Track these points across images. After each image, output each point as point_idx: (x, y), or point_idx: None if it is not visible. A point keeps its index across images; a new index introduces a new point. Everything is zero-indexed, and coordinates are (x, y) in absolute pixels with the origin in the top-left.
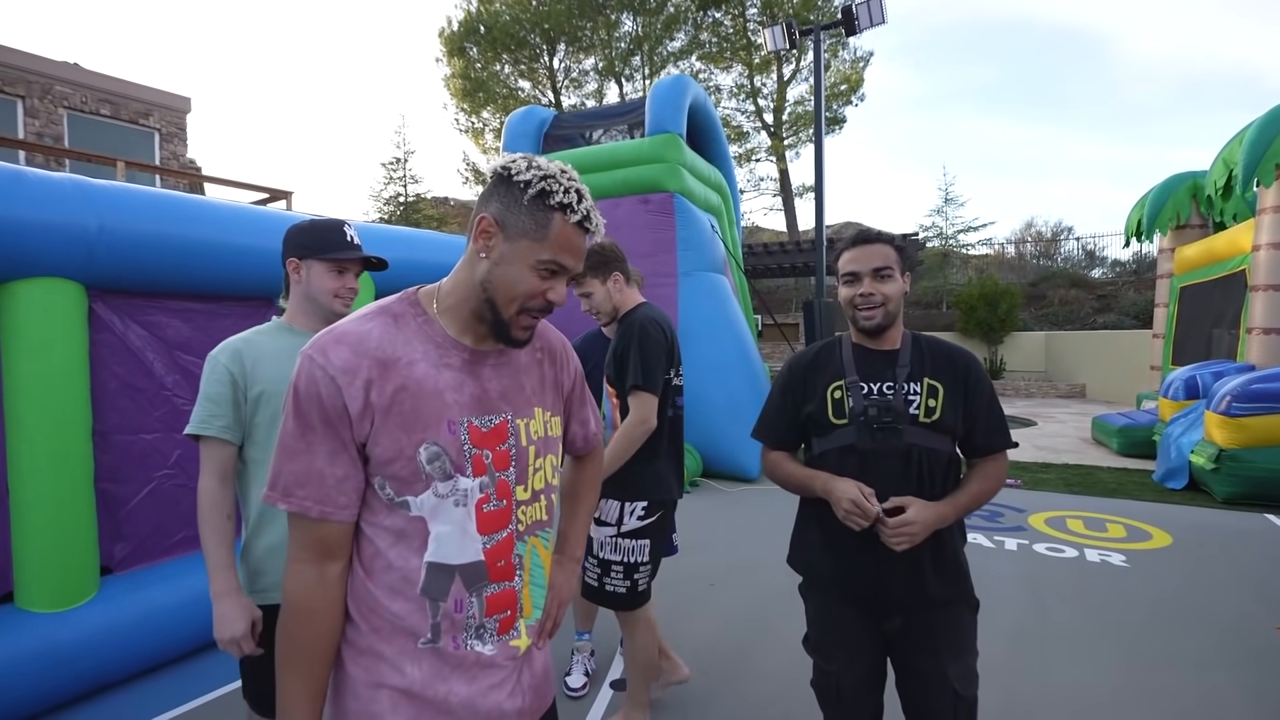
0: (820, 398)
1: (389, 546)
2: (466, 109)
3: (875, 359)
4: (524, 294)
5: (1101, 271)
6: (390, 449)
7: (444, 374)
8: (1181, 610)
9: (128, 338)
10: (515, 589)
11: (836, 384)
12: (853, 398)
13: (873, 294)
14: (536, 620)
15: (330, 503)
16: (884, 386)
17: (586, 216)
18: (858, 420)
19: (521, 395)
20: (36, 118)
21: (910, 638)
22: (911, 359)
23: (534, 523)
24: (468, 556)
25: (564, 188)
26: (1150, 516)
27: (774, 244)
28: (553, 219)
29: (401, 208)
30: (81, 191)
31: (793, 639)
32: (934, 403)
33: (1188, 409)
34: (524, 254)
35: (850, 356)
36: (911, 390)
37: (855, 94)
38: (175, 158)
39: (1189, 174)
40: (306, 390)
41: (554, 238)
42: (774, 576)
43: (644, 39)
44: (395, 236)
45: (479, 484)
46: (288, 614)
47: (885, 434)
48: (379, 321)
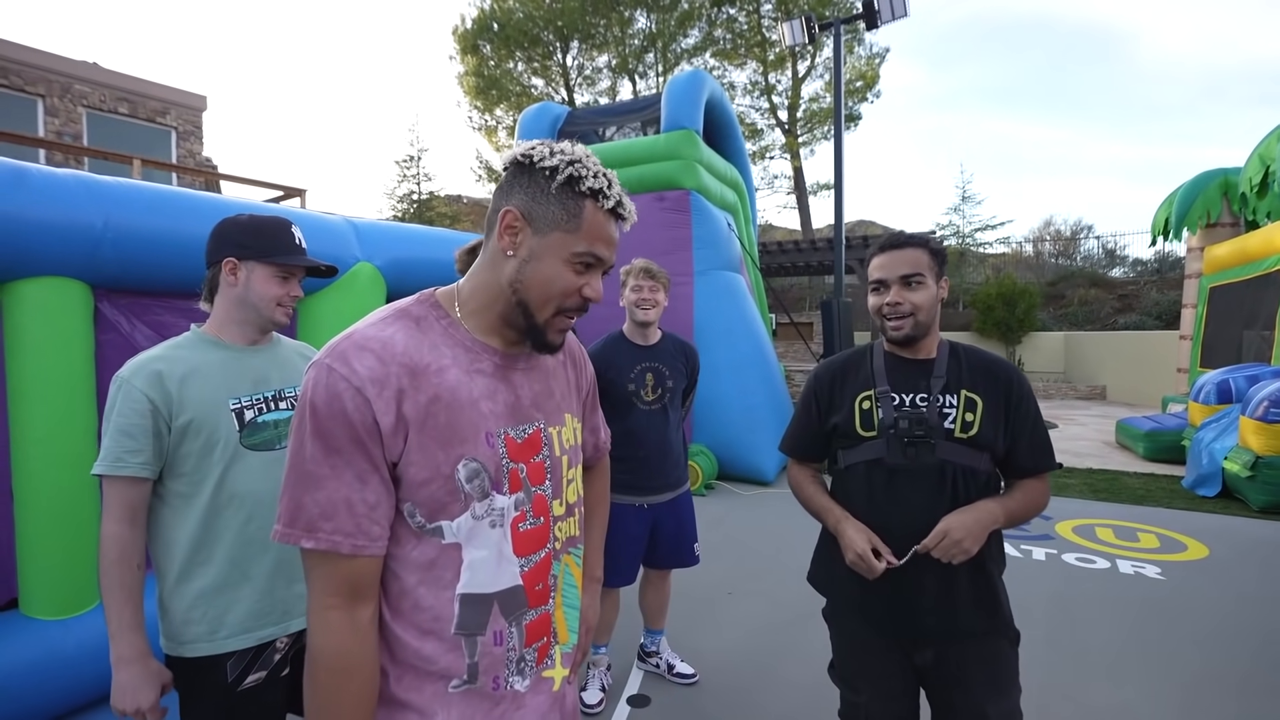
0: (848, 408)
1: (417, 583)
2: (480, 107)
3: (908, 368)
4: (560, 292)
5: (1122, 271)
6: (426, 468)
7: (477, 381)
8: (1223, 628)
9: (134, 338)
10: (550, 613)
11: (865, 394)
12: (882, 409)
13: (900, 303)
14: (571, 647)
15: (363, 535)
16: (917, 398)
17: (619, 203)
18: (887, 432)
19: (552, 401)
20: (56, 116)
21: (943, 671)
22: (948, 369)
23: (569, 539)
24: (505, 582)
25: (592, 171)
26: (1183, 526)
27: (788, 242)
28: (584, 207)
29: (415, 205)
30: (86, 188)
31: (813, 653)
32: (971, 416)
33: (1220, 414)
34: (556, 248)
35: (881, 365)
36: (947, 403)
37: (871, 91)
38: (191, 156)
39: (1220, 170)
40: (329, 406)
41: (587, 227)
42: (793, 586)
43: (658, 36)
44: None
45: (514, 501)
46: (322, 673)
47: (917, 449)
48: (400, 325)
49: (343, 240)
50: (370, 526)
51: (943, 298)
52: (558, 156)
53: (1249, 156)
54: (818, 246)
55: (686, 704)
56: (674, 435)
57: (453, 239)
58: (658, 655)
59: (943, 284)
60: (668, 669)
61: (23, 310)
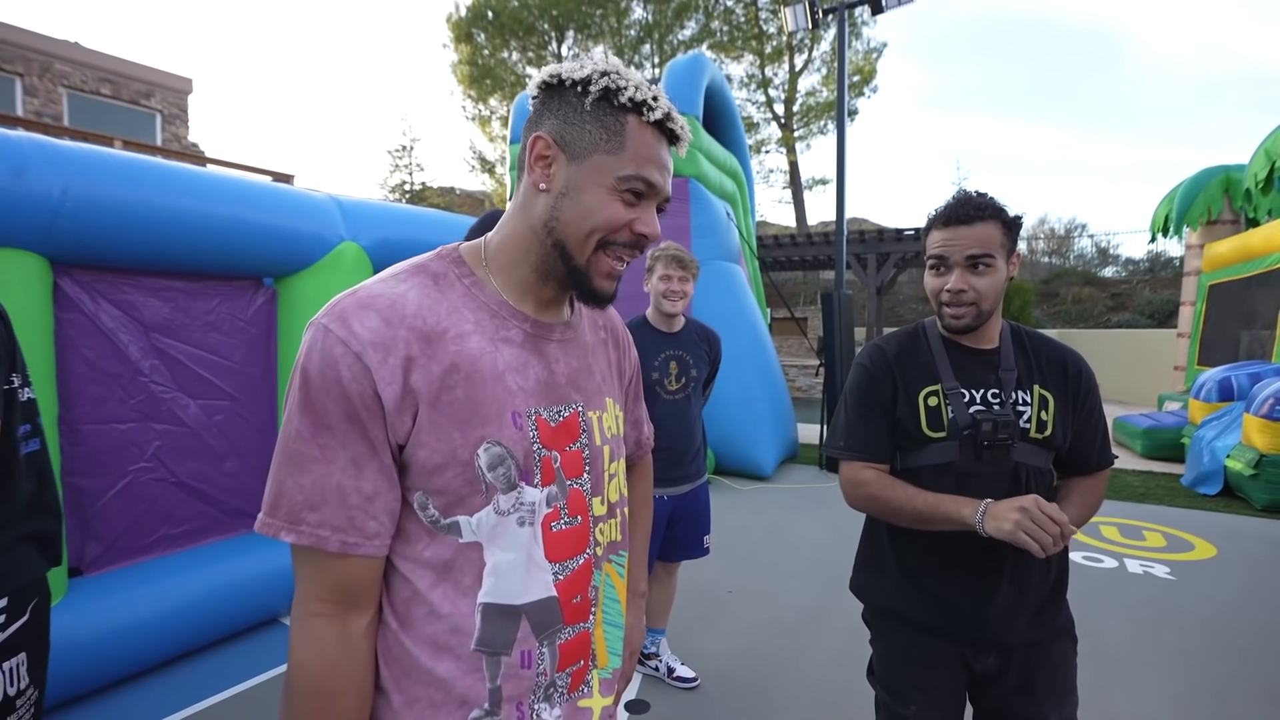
0: (912, 404)
1: (431, 586)
2: (474, 96)
3: (972, 359)
4: (605, 224)
5: (1115, 270)
6: (439, 452)
7: (503, 351)
8: (1238, 630)
9: (99, 318)
10: (589, 631)
11: (930, 389)
12: (954, 408)
13: (964, 290)
14: (612, 672)
15: (355, 530)
16: (988, 394)
17: (669, 115)
18: (960, 434)
19: (592, 381)
20: (35, 96)
21: (1007, 678)
22: (1017, 361)
23: (610, 544)
24: (536, 593)
25: (633, 82)
26: (1188, 525)
27: (784, 236)
28: (626, 123)
29: (407, 196)
30: (42, 152)
31: (819, 655)
32: (1046, 415)
33: (1221, 411)
34: (598, 174)
35: (944, 355)
36: (1020, 400)
37: (868, 85)
38: (177, 139)
39: (1221, 167)
40: (321, 373)
41: (633, 146)
42: (795, 584)
43: (654, 27)
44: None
45: (547, 495)
46: (301, 690)
47: (994, 452)
48: (415, 282)
49: (327, 218)
50: (365, 521)
51: (1012, 276)
52: (589, 67)
53: (1254, 152)
54: (814, 241)
55: (687, 710)
56: (696, 425)
57: (444, 221)
58: (657, 658)
59: (1014, 261)
60: (668, 672)
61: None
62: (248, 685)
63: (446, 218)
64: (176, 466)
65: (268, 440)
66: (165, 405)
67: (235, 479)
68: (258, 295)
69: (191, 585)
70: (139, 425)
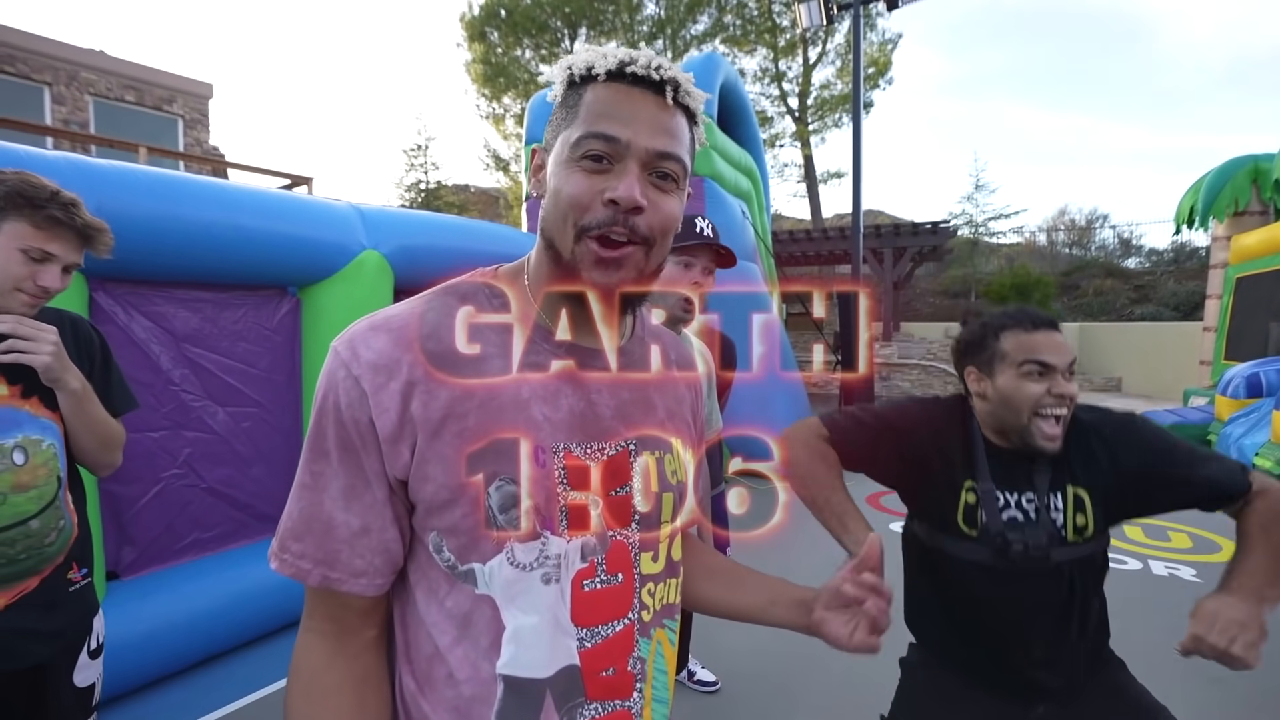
0: (953, 493)
1: (451, 645)
2: (487, 94)
3: (1009, 459)
4: (568, 202)
5: (1138, 261)
6: (446, 486)
7: (530, 377)
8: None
9: (132, 329)
10: (631, 711)
11: (968, 484)
12: (986, 512)
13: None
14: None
15: (340, 565)
16: (1023, 499)
17: (628, 60)
18: (993, 542)
19: (651, 416)
20: (63, 104)
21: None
22: (1052, 463)
23: (665, 608)
24: (560, 661)
25: (588, 54)
26: (1214, 525)
27: (799, 231)
28: (583, 94)
29: (423, 194)
30: (77, 170)
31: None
32: (1083, 518)
33: (1249, 408)
34: (560, 152)
35: (981, 448)
36: (1054, 505)
37: (883, 77)
38: (198, 144)
39: (1249, 157)
40: (323, 398)
41: (584, 110)
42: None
43: (667, 22)
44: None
45: (581, 547)
46: (292, 697)
47: (1031, 562)
48: (439, 302)
49: (348, 227)
50: (351, 558)
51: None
52: (558, 67)
53: None
54: (830, 235)
55: (708, 714)
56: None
57: (463, 226)
58: None
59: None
60: (688, 676)
61: None
62: (279, 686)
63: (467, 224)
64: (206, 472)
65: (293, 446)
66: (195, 413)
67: (262, 484)
68: (282, 304)
69: (223, 588)
70: (170, 433)
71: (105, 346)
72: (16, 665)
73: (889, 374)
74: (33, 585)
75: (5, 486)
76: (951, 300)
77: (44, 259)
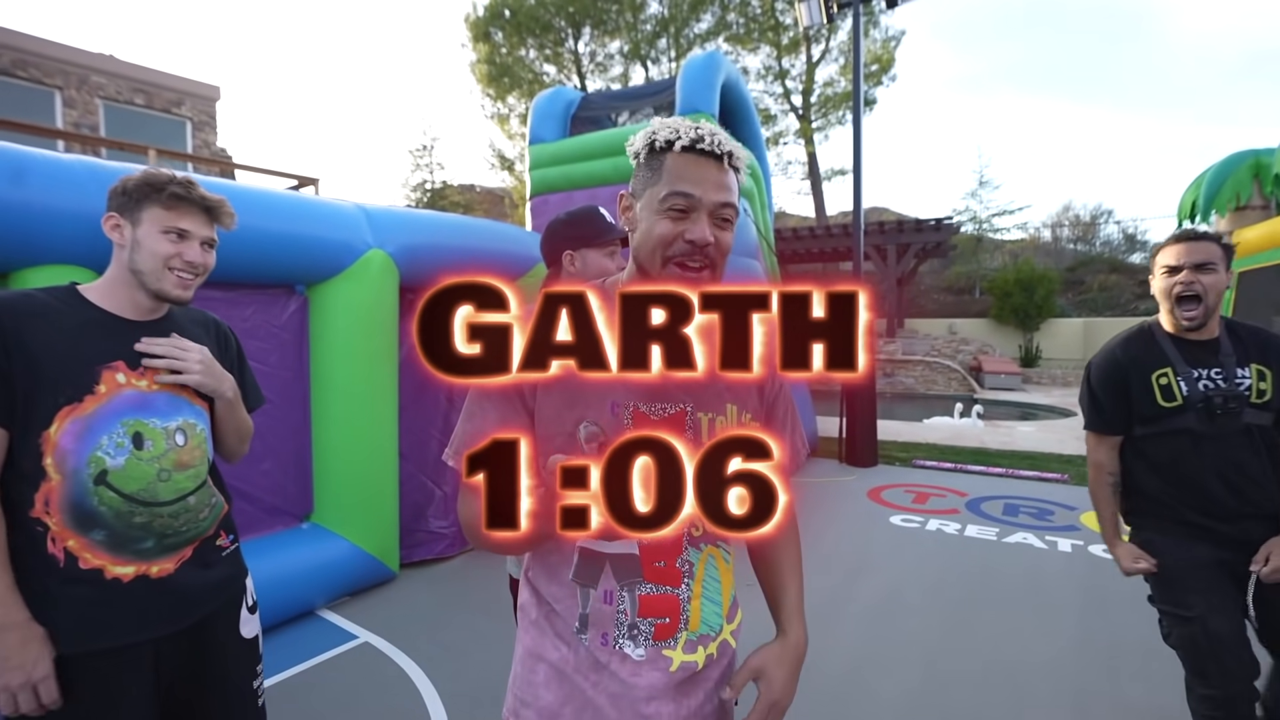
0: (1145, 385)
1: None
2: (492, 95)
3: (1197, 348)
4: (658, 239)
5: (1143, 256)
6: (551, 423)
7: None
8: None
9: None
10: (680, 597)
11: (1162, 371)
12: (1185, 384)
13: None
14: (701, 634)
15: None
16: (1212, 372)
17: (698, 139)
18: (1195, 406)
19: (711, 388)
20: (74, 108)
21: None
22: (1234, 347)
23: (709, 534)
24: (620, 547)
25: (670, 128)
26: None
27: (803, 229)
28: (664, 160)
29: (428, 194)
30: (93, 175)
31: (840, 648)
32: (1265, 385)
33: None
34: (649, 204)
35: (1172, 347)
36: (1241, 375)
37: (886, 74)
38: (206, 146)
39: (1250, 152)
40: None
41: (668, 172)
42: (816, 578)
43: (670, 21)
44: (428, 222)
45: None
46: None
47: (1225, 417)
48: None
49: (354, 227)
50: None
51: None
52: (641, 138)
53: None
54: (833, 232)
55: None
56: None
57: (468, 225)
58: None
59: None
60: None
61: None
62: (287, 675)
63: (472, 223)
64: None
65: (301, 441)
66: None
67: (271, 478)
68: (290, 302)
69: None
70: None
71: (240, 347)
72: (188, 618)
73: (893, 370)
74: (189, 553)
75: (169, 464)
76: (955, 297)
77: (182, 236)
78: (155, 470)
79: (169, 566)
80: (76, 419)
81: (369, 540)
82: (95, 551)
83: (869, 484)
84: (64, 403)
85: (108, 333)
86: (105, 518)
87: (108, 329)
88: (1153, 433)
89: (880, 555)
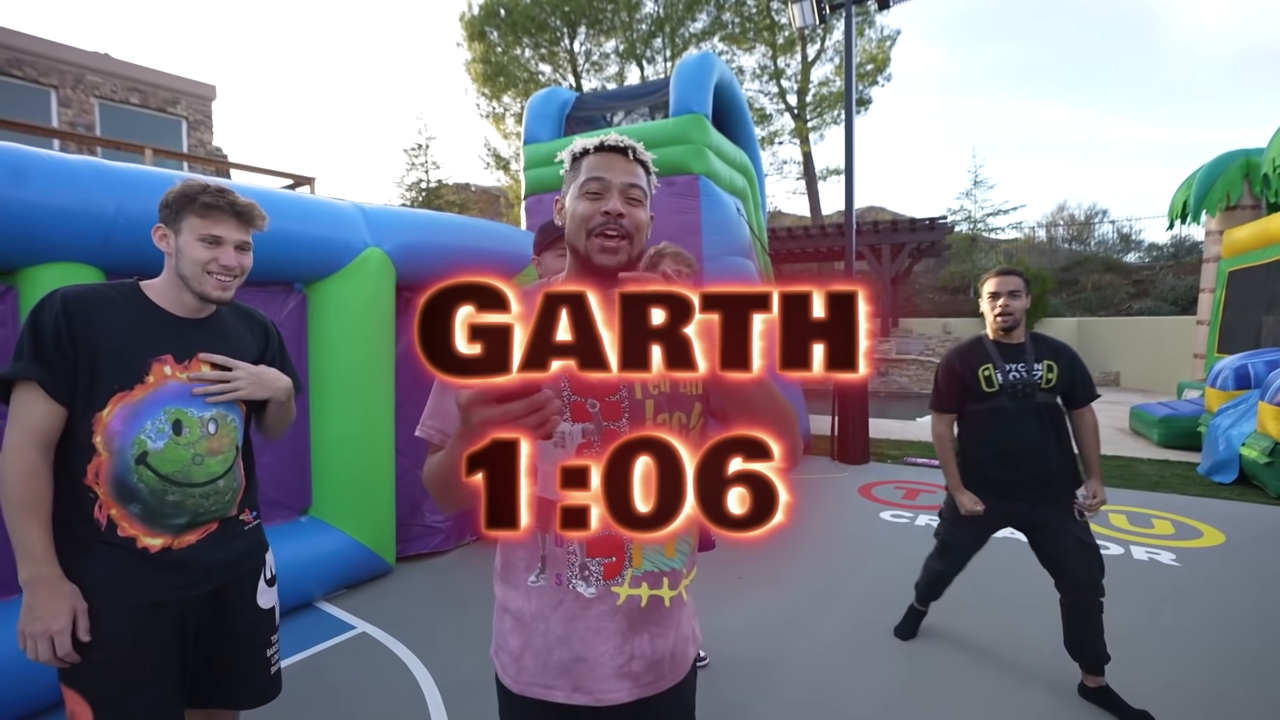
0: (975, 375)
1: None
2: (488, 94)
3: (1009, 350)
4: (580, 217)
5: (1137, 256)
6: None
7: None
8: (1242, 614)
9: None
10: (624, 540)
11: (985, 365)
12: (1000, 375)
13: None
14: (645, 571)
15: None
16: (1019, 367)
17: (607, 141)
18: (1005, 391)
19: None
20: (69, 107)
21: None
22: (1034, 350)
23: None
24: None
25: (587, 139)
26: (1199, 512)
27: (798, 228)
28: (583, 160)
29: (424, 194)
30: (98, 174)
31: (826, 636)
32: (1051, 375)
33: (1238, 399)
34: (573, 194)
35: (993, 348)
36: (1035, 369)
37: (881, 74)
38: (202, 145)
39: (1240, 151)
40: None
41: (585, 167)
42: (804, 571)
43: (666, 20)
44: (425, 221)
45: (580, 430)
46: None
47: (1024, 399)
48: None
49: (352, 225)
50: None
51: (1027, 307)
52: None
53: (1272, 136)
54: (828, 232)
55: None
56: None
57: (463, 224)
58: None
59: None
60: None
61: (36, 297)
62: (287, 663)
63: (468, 222)
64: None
65: (300, 436)
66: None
67: (271, 472)
68: (289, 300)
69: None
70: None
71: (281, 340)
72: (207, 586)
73: (887, 369)
74: (214, 527)
75: (203, 450)
76: (950, 296)
77: (216, 241)
78: (190, 454)
79: (192, 539)
80: (127, 404)
81: (366, 534)
82: (132, 522)
83: (860, 480)
84: (118, 389)
85: (161, 328)
86: (142, 494)
87: (161, 324)
88: (978, 409)
89: (870, 550)
